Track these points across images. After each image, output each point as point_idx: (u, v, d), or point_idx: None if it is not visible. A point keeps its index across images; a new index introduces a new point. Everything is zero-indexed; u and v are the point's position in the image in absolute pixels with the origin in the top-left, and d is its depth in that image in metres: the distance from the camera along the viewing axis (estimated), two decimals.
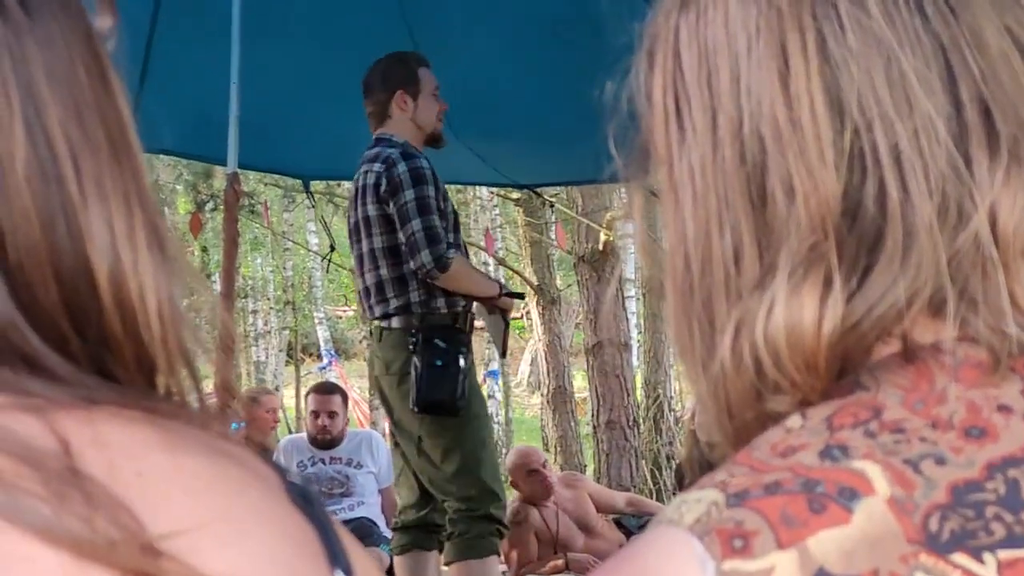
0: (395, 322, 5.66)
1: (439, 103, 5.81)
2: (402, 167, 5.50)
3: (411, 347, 5.55)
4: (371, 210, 5.61)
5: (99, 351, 0.85)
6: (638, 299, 17.56)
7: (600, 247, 13.08)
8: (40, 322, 0.83)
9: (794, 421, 0.91)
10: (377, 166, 5.59)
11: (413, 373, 5.52)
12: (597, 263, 13.13)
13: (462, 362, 5.51)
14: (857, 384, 0.91)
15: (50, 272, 0.83)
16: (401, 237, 5.51)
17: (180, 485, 0.80)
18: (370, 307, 5.75)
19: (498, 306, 5.78)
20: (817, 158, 0.91)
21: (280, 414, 9.41)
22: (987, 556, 0.81)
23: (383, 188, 5.53)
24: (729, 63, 0.96)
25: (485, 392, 22.77)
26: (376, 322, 5.76)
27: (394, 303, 5.64)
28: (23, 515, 0.72)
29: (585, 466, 15.07)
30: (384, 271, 5.64)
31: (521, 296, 6.18)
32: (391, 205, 5.53)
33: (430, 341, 5.54)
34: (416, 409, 5.54)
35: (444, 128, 6.00)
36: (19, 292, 0.82)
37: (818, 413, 0.90)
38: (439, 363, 5.48)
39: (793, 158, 0.92)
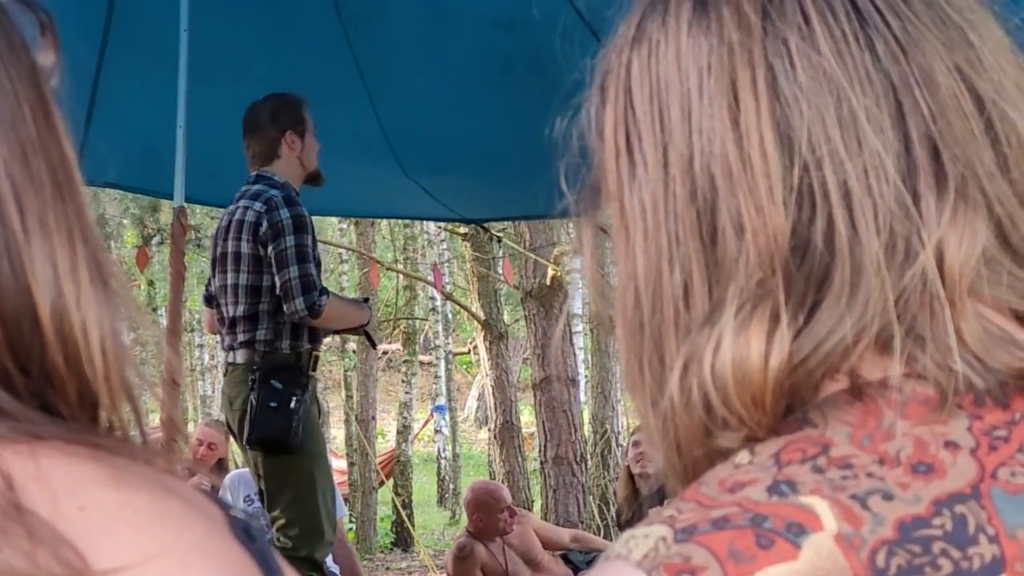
0: (239, 356, 5.88)
1: (317, 143, 5.98)
2: (285, 213, 5.69)
3: (250, 384, 5.76)
4: (244, 247, 5.80)
5: (42, 386, 0.84)
6: (586, 334, 17.58)
7: (548, 282, 13.09)
8: None
9: (742, 457, 0.91)
10: (258, 205, 5.77)
11: (248, 410, 5.73)
12: (545, 298, 13.15)
13: (294, 403, 5.69)
14: (805, 421, 0.91)
15: None
16: (276, 281, 5.69)
17: (124, 521, 0.79)
18: (223, 337, 6.01)
19: (367, 332, 6.17)
20: (766, 195, 0.91)
21: (226, 448, 9.32)
22: None
23: (263, 229, 5.71)
24: (680, 99, 0.95)
25: (432, 427, 22.81)
26: (224, 355, 6.08)
27: (240, 338, 5.84)
28: None
29: (533, 502, 15.06)
30: (242, 307, 5.83)
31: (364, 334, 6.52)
32: (269, 248, 5.71)
33: (267, 380, 5.74)
34: (247, 445, 5.85)
35: (391, 162, 6.04)
36: None
37: (766, 449, 0.90)
38: (272, 404, 5.68)
39: (743, 195, 0.91)
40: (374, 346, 6.50)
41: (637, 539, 0.87)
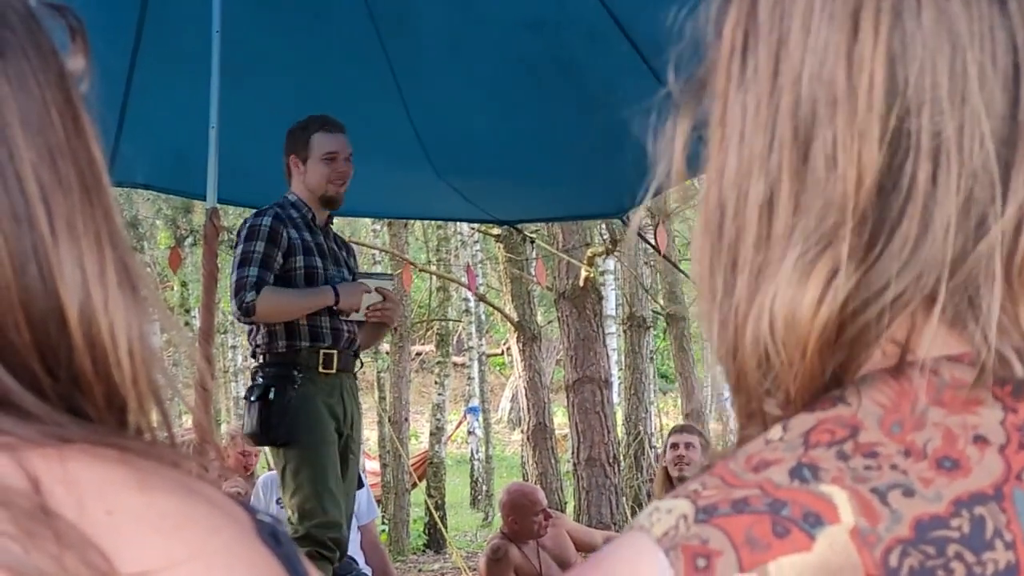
0: (253, 363, 6.23)
1: (332, 167, 6.02)
2: (247, 224, 6.00)
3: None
4: None
5: (70, 390, 0.84)
6: (619, 335, 17.59)
7: (581, 283, 13.08)
8: (11, 361, 0.82)
9: (775, 432, 0.91)
10: None
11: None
12: (578, 299, 13.13)
13: (272, 395, 5.91)
14: (840, 399, 0.91)
15: (21, 312, 0.83)
16: None
17: (151, 524, 0.79)
18: None
19: (342, 311, 6.09)
20: (863, 131, 0.89)
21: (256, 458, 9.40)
22: None
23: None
24: (802, 13, 0.93)
25: (465, 429, 22.81)
26: None
27: (252, 346, 6.16)
28: None
29: (566, 503, 15.06)
30: None
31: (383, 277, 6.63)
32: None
33: (254, 378, 6.10)
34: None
35: (424, 163, 6.04)
36: None
37: (798, 426, 0.90)
38: (252, 398, 6.00)
39: (841, 125, 0.89)
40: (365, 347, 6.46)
41: (660, 513, 0.87)
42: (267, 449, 6.99)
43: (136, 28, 6.45)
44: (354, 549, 8.33)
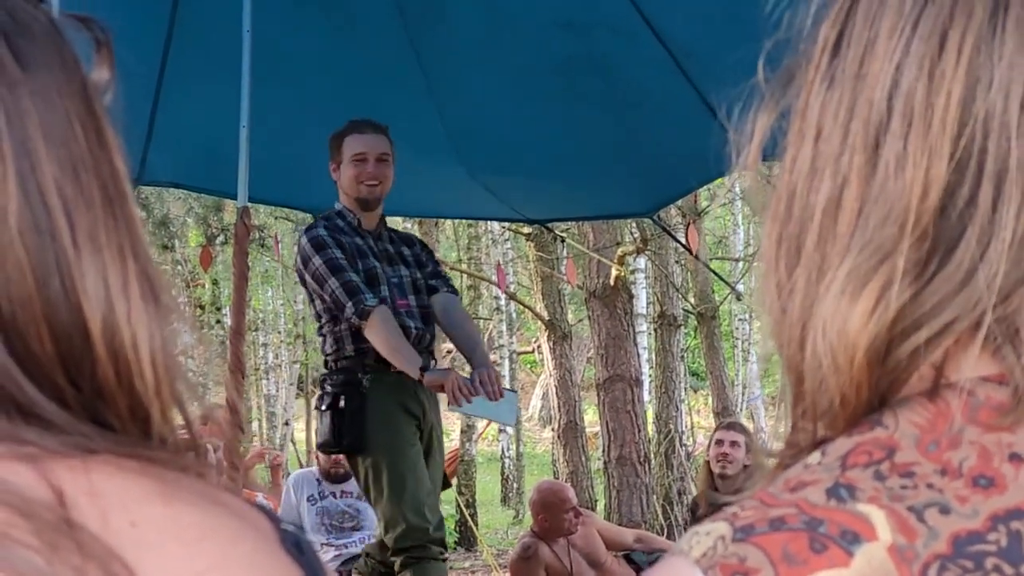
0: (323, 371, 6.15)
1: (361, 167, 5.98)
2: (303, 241, 5.94)
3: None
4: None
5: (94, 401, 0.84)
6: (649, 334, 17.59)
7: (611, 282, 13.08)
8: (35, 372, 0.82)
9: (814, 457, 0.92)
10: None
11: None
12: (608, 298, 13.14)
13: (343, 403, 5.84)
14: (879, 422, 0.91)
15: (44, 324, 0.83)
16: (326, 299, 5.87)
17: (174, 536, 0.79)
18: None
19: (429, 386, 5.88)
20: (935, 147, 0.89)
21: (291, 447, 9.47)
22: None
23: (298, 261, 6.01)
24: (893, 20, 0.93)
25: (495, 426, 22.87)
26: None
27: (324, 357, 6.09)
28: (15, 565, 0.72)
29: (596, 501, 15.07)
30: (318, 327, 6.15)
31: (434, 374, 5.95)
32: (307, 277, 5.92)
33: (323, 386, 6.04)
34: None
35: (455, 162, 6.01)
36: (13, 343, 0.82)
37: (836, 450, 0.90)
38: (322, 407, 5.92)
39: (915, 136, 0.90)
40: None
41: (699, 536, 0.88)
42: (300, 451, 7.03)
43: (167, 27, 6.47)
44: None
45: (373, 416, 5.82)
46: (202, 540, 0.80)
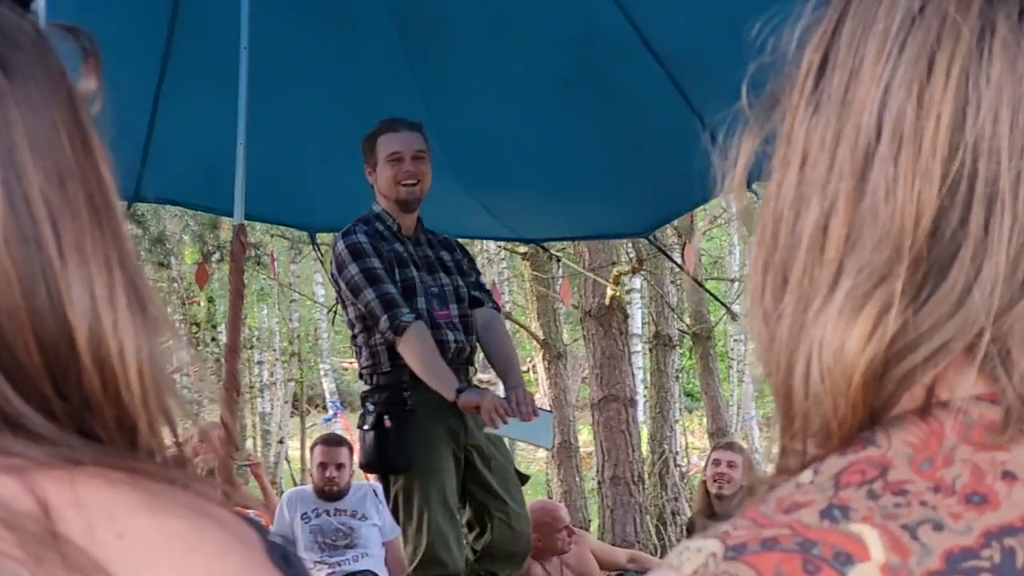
0: (362, 385, 6.01)
1: (398, 167, 5.84)
2: (340, 246, 5.78)
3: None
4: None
5: (80, 411, 0.84)
6: (644, 354, 17.57)
7: (607, 302, 13.09)
8: (21, 383, 0.82)
9: (806, 476, 0.91)
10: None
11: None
12: (603, 318, 13.14)
13: (387, 422, 5.69)
14: (871, 441, 0.91)
15: (31, 334, 0.82)
16: (360, 309, 5.74)
17: (161, 548, 0.79)
18: None
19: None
20: (926, 171, 0.89)
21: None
22: None
23: (333, 265, 5.87)
24: (878, 44, 0.93)
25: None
26: None
27: (359, 368, 5.97)
28: None
29: (590, 521, 15.06)
30: (352, 338, 6.02)
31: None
32: (340, 283, 5.80)
33: (364, 403, 5.90)
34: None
35: (451, 179, 5.95)
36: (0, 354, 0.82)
37: (829, 469, 0.90)
38: (364, 427, 5.78)
39: (905, 161, 0.90)
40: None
41: (690, 552, 0.88)
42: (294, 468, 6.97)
43: (164, 43, 6.48)
44: (379, 566, 8.36)
45: (415, 437, 5.70)
46: (189, 552, 0.80)
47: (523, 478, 6.19)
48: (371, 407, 5.77)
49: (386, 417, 5.69)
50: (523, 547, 6.06)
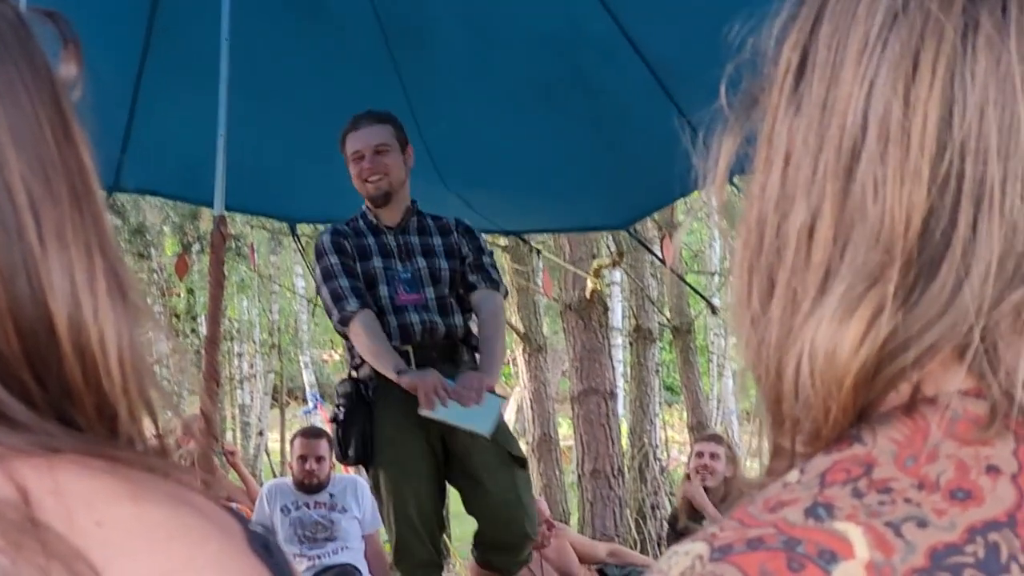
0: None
1: (358, 167, 5.87)
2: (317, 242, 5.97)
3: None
4: None
5: (60, 399, 0.84)
6: (625, 347, 17.57)
7: (587, 295, 13.08)
8: (0, 371, 0.81)
9: (792, 475, 0.92)
10: None
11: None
12: (584, 311, 13.13)
13: (341, 415, 5.81)
14: (856, 438, 0.91)
15: (11, 321, 0.82)
16: None
17: (141, 536, 0.79)
18: None
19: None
20: (914, 171, 0.89)
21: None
22: None
23: None
24: (859, 43, 0.93)
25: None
26: None
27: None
28: None
29: (570, 515, 15.05)
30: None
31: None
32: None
33: (338, 397, 5.96)
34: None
35: (431, 174, 5.96)
36: None
37: (815, 467, 0.91)
38: (340, 419, 5.84)
39: (893, 161, 0.90)
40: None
41: (678, 556, 0.88)
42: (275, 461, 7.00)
43: (145, 32, 6.46)
44: (359, 559, 8.35)
45: (379, 428, 5.74)
46: (169, 540, 0.80)
47: (520, 462, 6.07)
48: (339, 401, 5.88)
49: (340, 408, 5.81)
50: (517, 536, 6.01)
